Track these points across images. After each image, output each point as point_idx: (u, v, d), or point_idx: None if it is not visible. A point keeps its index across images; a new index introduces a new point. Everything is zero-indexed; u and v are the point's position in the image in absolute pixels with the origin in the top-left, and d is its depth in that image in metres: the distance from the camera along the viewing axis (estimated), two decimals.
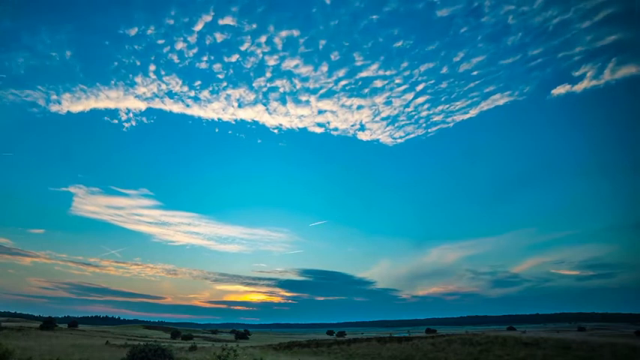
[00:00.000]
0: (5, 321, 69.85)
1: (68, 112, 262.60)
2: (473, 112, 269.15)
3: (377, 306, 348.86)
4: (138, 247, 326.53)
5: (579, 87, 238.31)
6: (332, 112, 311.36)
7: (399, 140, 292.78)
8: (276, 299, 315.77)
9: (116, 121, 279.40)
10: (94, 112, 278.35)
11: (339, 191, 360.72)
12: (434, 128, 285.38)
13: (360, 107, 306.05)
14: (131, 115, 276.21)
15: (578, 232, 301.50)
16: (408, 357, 26.57)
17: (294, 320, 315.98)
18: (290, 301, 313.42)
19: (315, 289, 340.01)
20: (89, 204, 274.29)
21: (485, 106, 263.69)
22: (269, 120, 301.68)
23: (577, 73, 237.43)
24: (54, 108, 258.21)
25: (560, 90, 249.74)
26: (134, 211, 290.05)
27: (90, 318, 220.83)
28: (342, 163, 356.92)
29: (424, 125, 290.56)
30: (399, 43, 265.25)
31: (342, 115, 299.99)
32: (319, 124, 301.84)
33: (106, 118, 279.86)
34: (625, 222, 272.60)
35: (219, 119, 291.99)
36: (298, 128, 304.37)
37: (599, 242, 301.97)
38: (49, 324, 49.93)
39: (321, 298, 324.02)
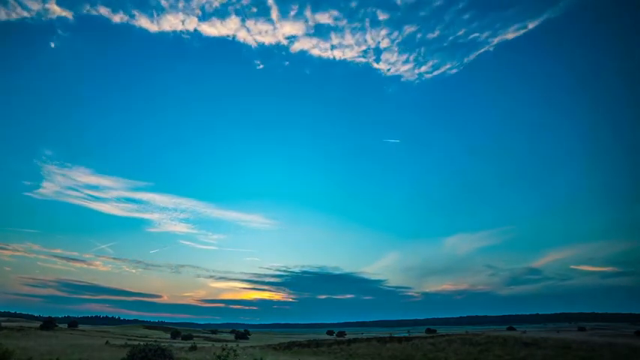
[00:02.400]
0: (5, 321, 69.87)
1: None
2: (532, 25, 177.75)
3: (385, 305, 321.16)
4: (126, 241, 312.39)
5: None
6: (336, 29, 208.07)
7: (427, 76, 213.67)
8: (275, 297, 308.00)
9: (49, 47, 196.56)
10: (7, 27, 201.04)
11: (342, 168, 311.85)
12: (472, 56, 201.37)
13: (375, 24, 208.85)
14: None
15: (610, 224, 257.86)
16: (408, 357, 26.55)
17: (294, 320, 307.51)
18: (290, 299, 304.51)
19: (317, 288, 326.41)
20: (58, 185, 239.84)
21: (551, 14, 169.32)
22: (247, 38, 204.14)
23: None
24: None
25: None
26: (115, 194, 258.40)
27: (90, 318, 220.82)
28: (350, 117, 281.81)
29: (461, 50, 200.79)
30: None
31: (349, 35, 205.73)
32: (319, 49, 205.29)
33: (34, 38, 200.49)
34: None
35: (179, 32, 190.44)
36: (287, 54, 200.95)
37: (633, 236, 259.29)
38: (49, 324, 49.91)
39: (324, 297, 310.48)
